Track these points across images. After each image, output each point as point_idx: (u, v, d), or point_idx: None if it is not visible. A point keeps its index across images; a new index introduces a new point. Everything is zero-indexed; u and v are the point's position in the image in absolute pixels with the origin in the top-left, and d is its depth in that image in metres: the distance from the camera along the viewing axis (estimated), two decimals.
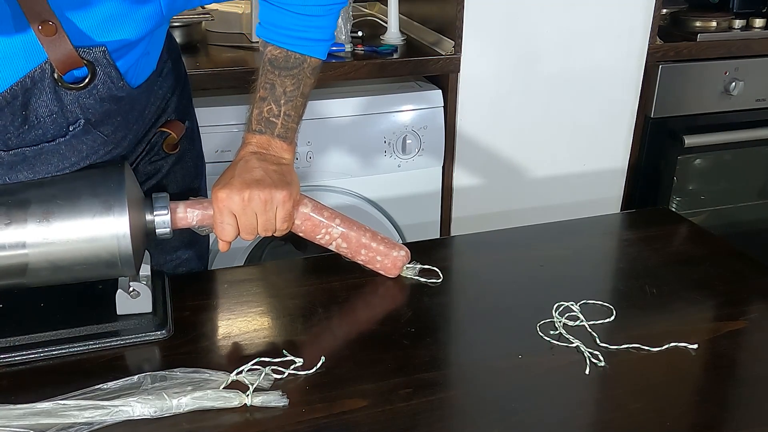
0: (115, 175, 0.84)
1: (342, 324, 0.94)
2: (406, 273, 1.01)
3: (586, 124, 1.99)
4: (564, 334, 0.89)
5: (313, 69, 0.95)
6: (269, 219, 0.90)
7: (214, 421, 0.75)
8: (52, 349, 0.83)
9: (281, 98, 0.93)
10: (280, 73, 0.93)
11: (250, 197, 0.87)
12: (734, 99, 2.07)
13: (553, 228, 1.19)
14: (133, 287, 0.87)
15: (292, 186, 0.91)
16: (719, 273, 1.04)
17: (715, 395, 0.81)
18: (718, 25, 2.05)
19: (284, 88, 0.93)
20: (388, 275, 1.01)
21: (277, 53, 0.93)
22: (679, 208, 2.19)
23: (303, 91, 0.94)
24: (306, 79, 0.94)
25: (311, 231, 0.96)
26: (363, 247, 0.98)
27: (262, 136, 0.93)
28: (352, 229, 0.98)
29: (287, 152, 0.94)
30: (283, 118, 0.93)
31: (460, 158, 1.92)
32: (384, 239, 1.00)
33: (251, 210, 0.88)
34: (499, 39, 1.84)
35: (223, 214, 0.89)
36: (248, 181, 0.88)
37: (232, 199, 0.87)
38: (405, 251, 1.01)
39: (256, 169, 0.89)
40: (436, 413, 0.77)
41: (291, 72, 0.93)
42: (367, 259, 0.99)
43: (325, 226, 0.96)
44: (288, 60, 0.93)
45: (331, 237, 0.97)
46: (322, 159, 1.75)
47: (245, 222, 0.89)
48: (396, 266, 1.00)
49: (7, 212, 0.79)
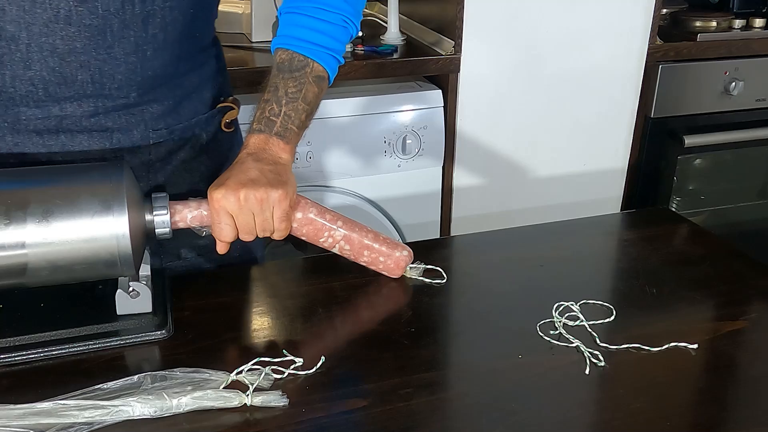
0: (114, 175, 0.84)
1: (342, 324, 0.94)
2: (410, 273, 1.01)
3: (586, 124, 1.99)
4: (564, 334, 0.89)
5: (317, 77, 0.97)
6: (266, 219, 0.90)
7: (214, 421, 0.75)
8: (52, 349, 0.83)
9: (282, 99, 0.94)
10: (284, 75, 0.96)
11: (245, 197, 0.88)
12: (734, 99, 2.08)
13: (553, 228, 1.19)
14: (132, 287, 0.87)
15: (288, 185, 0.91)
16: (719, 273, 1.04)
17: (715, 395, 0.81)
18: (718, 25, 2.05)
19: (286, 89, 0.95)
20: (391, 276, 1.01)
21: (284, 56, 0.96)
22: (679, 208, 2.19)
23: (306, 97, 0.96)
24: (308, 84, 0.96)
25: (314, 235, 0.96)
26: (366, 249, 0.98)
27: (261, 134, 0.93)
28: (354, 231, 0.97)
29: (285, 152, 0.94)
30: (283, 117, 0.94)
31: (460, 158, 1.92)
32: (386, 240, 1.00)
33: (248, 209, 0.88)
34: (499, 39, 1.84)
35: (219, 214, 0.89)
36: (243, 180, 0.88)
37: (227, 199, 0.88)
38: (408, 251, 1.01)
39: (252, 170, 0.90)
40: (436, 413, 0.77)
41: (293, 75, 0.95)
42: (370, 260, 0.99)
43: (328, 230, 0.96)
44: (292, 62, 0.96)
45: (334, 240, 0.97)
46: (322, 159, 1.75)
47: (242, 222, 0.89)
48: (399, 266, 1.00)
49: (6, 212, 0.79)
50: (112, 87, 0.92)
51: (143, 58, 0.92)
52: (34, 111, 0.91)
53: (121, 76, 0.92)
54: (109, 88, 0.92)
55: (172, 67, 0.97)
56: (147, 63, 0.93)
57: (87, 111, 0.93)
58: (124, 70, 0.91)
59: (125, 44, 0.90)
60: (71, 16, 0.85)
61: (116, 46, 0.89)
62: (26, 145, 0.93)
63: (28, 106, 0.91)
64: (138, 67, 0.92)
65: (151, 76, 0.94)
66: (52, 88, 0.89)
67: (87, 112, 0.93)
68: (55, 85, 0.89)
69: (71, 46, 0.87)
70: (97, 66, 0.89)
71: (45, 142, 0.93)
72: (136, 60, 0.92)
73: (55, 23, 0.85)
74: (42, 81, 0.89)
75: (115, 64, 0.90)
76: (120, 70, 0.91)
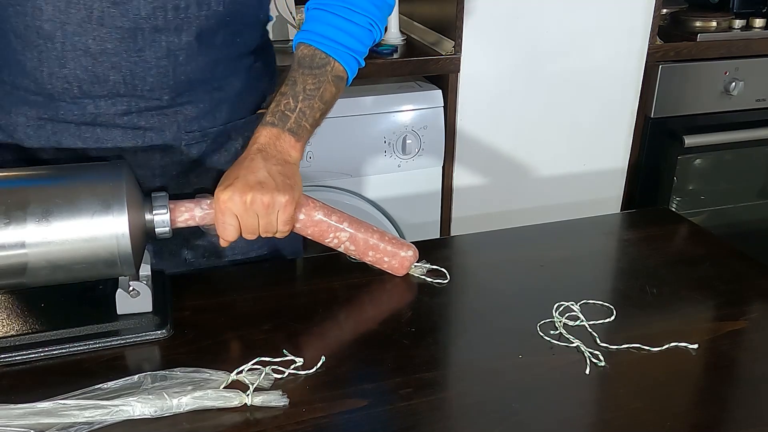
0: (114, 175, 0.84)
1: (342, 324, 0.94)
2: (413, 272, 1.02)
3: (586, 124, 1.99)
4: (564, 334, 0.89)
5: (336, 77, 0.96)
6: (271, 222, 0.90)
7: (214, 420, 0.75)
8: (53, 349, 0.83)
9: (300, 95, 0.94)
10: (304, 71, 0.95)
11: (252, 200, 0.88)
12: (734, 99, 2.07)
13: (553, 228, 1.19)
14: (133, 287, 0.87)
15: (295, 189, 0.91)
16: (719, 273, 1.04)
17: (715, 395, 0.81)
18: (718, 25, 2.05)
19: (305, 85, 0.94)
20: (395, 275, 1.01)
21: (306, 52, 0.96)
22: (679, 208, 2.19)
23: (323, 96, 0.95)
24: (327, 84, 0.95)
25: (320, 235, 0.97)
26: (371, 249, 0.99)
27: (273, 128, 0.93)
28: (360, 231, 0.98)
29: (295, 149, 0.94)
30: (298, 113, 0.94)
31: (460, 158, 1.92)
32: (392, 239, 1.00)
33: (253, 212, 0.88)
34: (499, 39, 1.84)
35: (225, 215, 0.89)
36: (251, 183, 0.88)
37: (233, 201, 0.88)
38: (413, 251, 1.01)
39: (260, 170, 0.89)
40: (436, 413, 0.77)
41: (313, 72, 0.95)
42: (375, 260, 1.00)
43: (334, 230, 0.97)
44: (313, 59, 0.95)
45: (340, 240, 0.98)
46: (322, 159, 1.75)
47: (247, 223, 0.90)
48: (403, 266, 1.01)
49: (6, 212, 0.79)
50: (144, 88, 0.93)
51: (175, 62, 0.92)
52: (71, 106, 0.93)
53: (153, 78, 0.92)
54: (141, 89, 0.93)
55: (209, 72, 0.97)
56: (179, 68, 0.93)
57: (120, 110, 0.94)
58: (156, 73, 0.92)
59: (156, 48, 0.90)
60: (104, 18, 0.87)
61: (147, 50, 0.90)
62: (63, 135, 0.95)
63: (66, 102, 0.92)
64: (170, 71, 0.93)
65: (184, 80, 0.95)
66: (86, 86, 0.91)
67: (120, 111, 0.94)
68: (88, 83, 0.91)
69: (103, 47, 0.88)
70: (128, 68, 0.90)
71: (82, 134, 0.95)
72: (168, 64, 0.92)
73: (88, 23, 0.87)
74: (76, 79, 0.90)
75: (146, 66, 0.91)
76: (152, 72, 0.92)
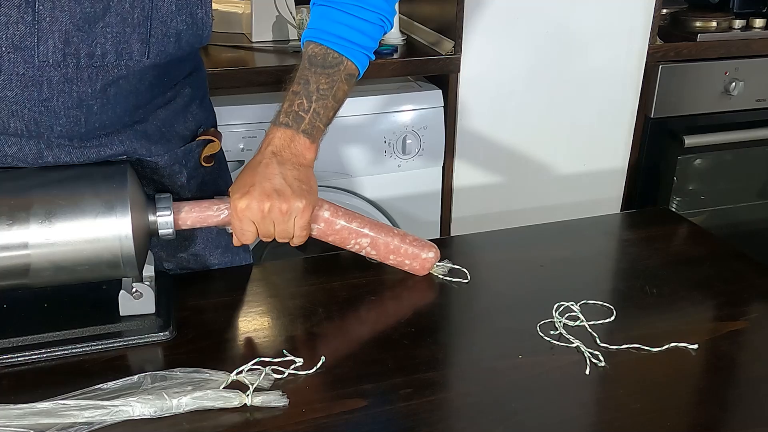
0: (117, 176, 0.84)
1: (342, 324, 0.94)
2: (435, 271, 1.02)
3: (586, 124, 1.99)
4: (564, 334, 0.89)
5: (349, 75, 0.94)
6: (287, 228, 0.91)
7: (214, 421, 0.75)
8: (55, 350, 0.83)
9: (313, 95, 0.92)
10: (316, 70, 0.93)
11: (270, 208, 0.88)
12: (734, 99, 2.08)
13: (553, 228, 1.19)
14: (136, 288, 0.88)
15: (311, 194, 0.91)
16: (719, 273, 1.04)
17: (715, 395, 0.81)
18: (718, 25, 2.05)
19: (318, 85, 0.92)
20: (417, 275, 1.02)
21: (317, 50, 0.93)
22: (679, 208, 2.19)
23: (336, 95, 0.94)
24: (340, 83, 0.93)
25: (341, 241, 0.98)
26: (392, 253, 1.00)
27: (288, 129, 0.92)
28: (381, 235, 0.99)
29: (310, 151, 0.93)
30: (312, 114, 0.92)
31: (460, 158, 1.92)
32: (414, 241, 1.01)
33: (270, 220, 0.89)
34: (500, 39, 1.84)
35: (242, 222, 0.89)
36: (268, 190, 0.88)
37: (251, 209, 0.88)
38: (434, 252, 1.01)
39: (276, 176, 0.89)
40: (436, 413, 0.77)
41: (326, 71, 0.93)
42: (396, 263, 1.01)
43: (355, 236, 0.98)
44: (326, 58, 0.93)
45: (361, 246, 0.99)
46: (322, 159, 1.73)
47: (264, 229, 0.91)
48: (424, 267, 1.01)
49: (9, 213, 0.79)
50: (51, 136, 0.85)
51: (89, 112, 0.84)
52: None
53: (61, 128, 0.84)
54: (48, 137, 0.85)
55: (128, 117, 0.89)
56: (93, 117, 0.84)
57: (30, 153, 0.86)
58: (65, 122, 0.83)
59: (65, 98, 0.81)
60: (2, 63, 0.77)
61: (55, 100, 0.81)
62: None
63: None
64: (82, 120, 0.84)
65: (98, 127, 0.86)
66: None
67: (31, 154, 0.86)
68: None
69: (1, 93, 0.79)
70: (31, 117, 0.81)
71: None
72: (80, 114, 0.83)
73: None
74: None
75: (52, 116, 0.82)
76: (60, 122, 0.83)
